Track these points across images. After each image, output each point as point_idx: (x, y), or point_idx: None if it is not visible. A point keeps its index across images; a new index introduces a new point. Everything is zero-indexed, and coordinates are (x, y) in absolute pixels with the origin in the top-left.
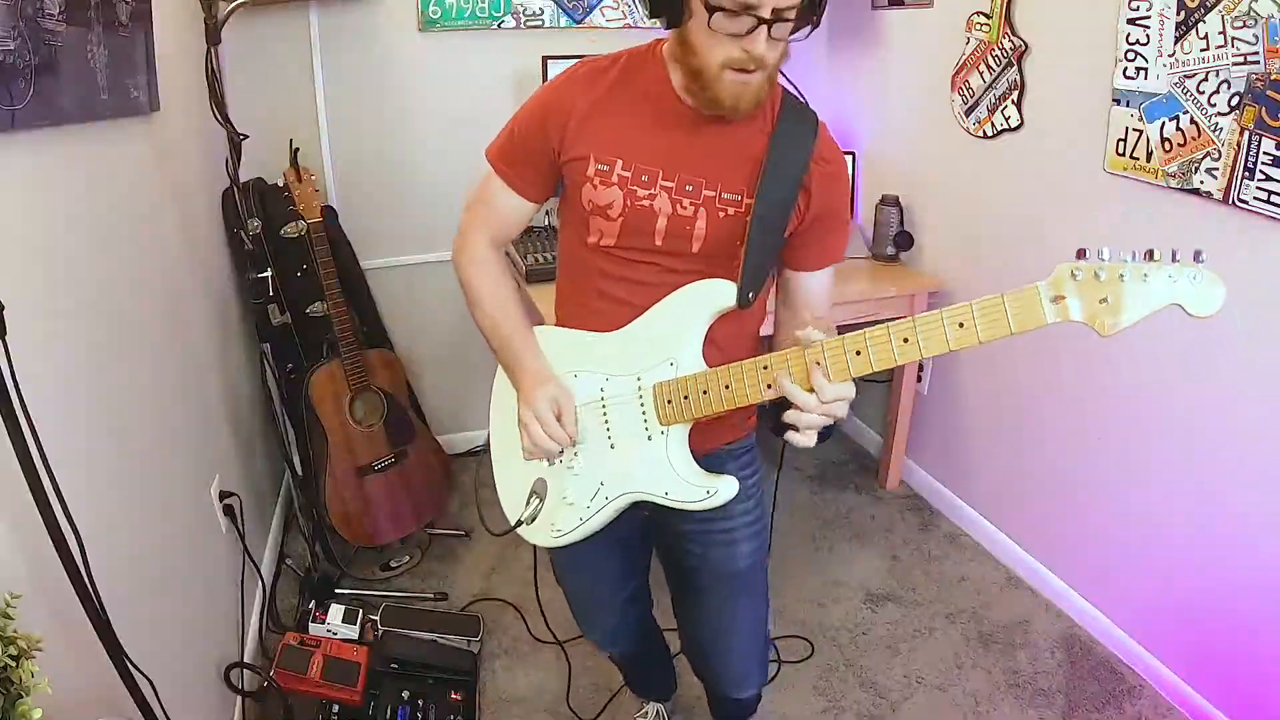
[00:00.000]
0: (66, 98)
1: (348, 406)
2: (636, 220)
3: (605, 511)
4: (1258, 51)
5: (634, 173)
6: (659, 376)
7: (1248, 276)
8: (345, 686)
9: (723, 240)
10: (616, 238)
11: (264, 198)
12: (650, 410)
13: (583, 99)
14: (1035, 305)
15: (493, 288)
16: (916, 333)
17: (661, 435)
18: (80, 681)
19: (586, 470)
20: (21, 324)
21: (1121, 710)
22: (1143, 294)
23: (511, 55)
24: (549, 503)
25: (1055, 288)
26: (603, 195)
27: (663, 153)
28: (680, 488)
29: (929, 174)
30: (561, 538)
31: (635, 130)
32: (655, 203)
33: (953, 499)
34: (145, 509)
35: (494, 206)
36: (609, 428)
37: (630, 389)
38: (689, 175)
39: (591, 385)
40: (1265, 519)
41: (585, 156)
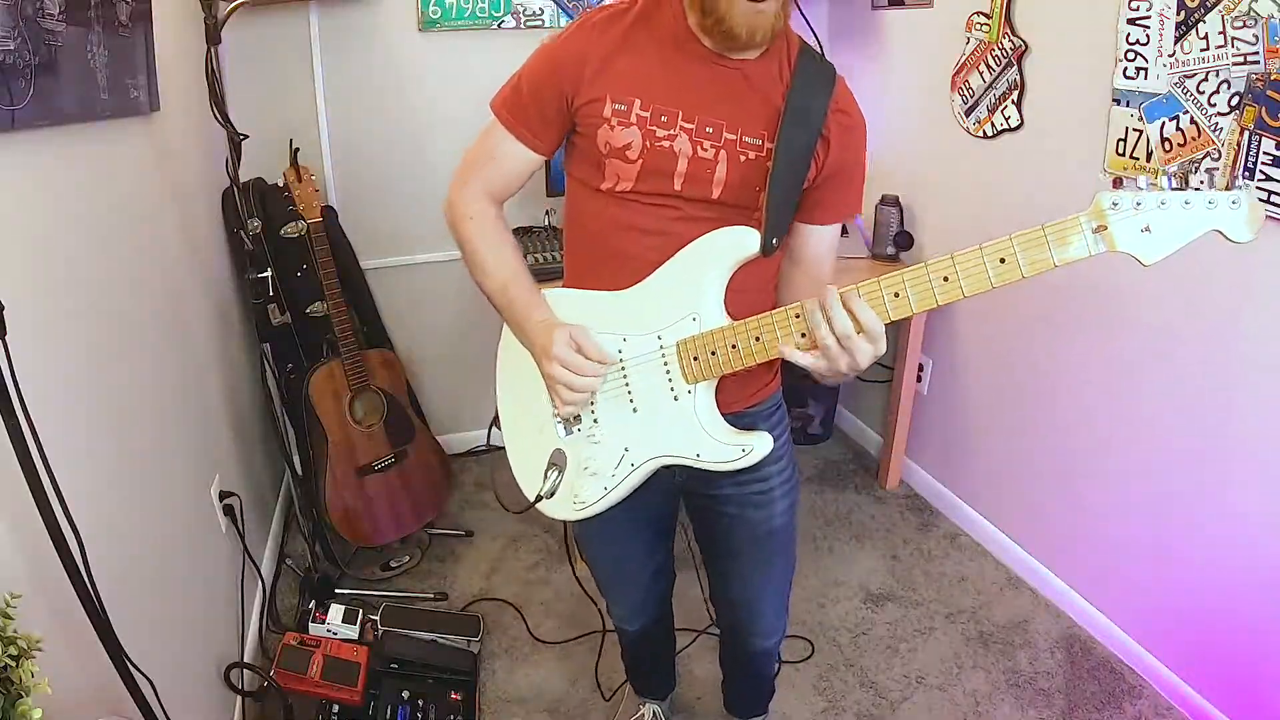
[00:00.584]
0: (66, 98)
1: (348, 406)
2: (656, 162)
3: (632, 478)
4: (1258, 51)
5: (653, 113)
6: (682, 333)
7: (1248, 276)
8: (345, 686)
9: (742, 186)
10: (635, 181)
11: (264, 198)
12: (675, 369)
13: (598, 45)
14: (1078, 236)
15: (495, 245)
16: (956, 270)
17: (689, 394)
18: (80, 681)
19: (608, 437)
20: (21, 324)
21: (1121, 710)
22: (1184, 221)
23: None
24: (569, 474)
25: (1097, 218)
26: (620, 136)
27: (682, 93)
28: (713, 448)
29: (929, 174)
30: (584, 510)
31: (653, 70)
32: (675, 144)
33: (953, 499)
34: (145, 509)
35: (496, 157)
36: (630, 391)
37: (652, 348)
38: (709, 117)
39: (609, 347)
40: (1265, 519)
41: (601, 98)
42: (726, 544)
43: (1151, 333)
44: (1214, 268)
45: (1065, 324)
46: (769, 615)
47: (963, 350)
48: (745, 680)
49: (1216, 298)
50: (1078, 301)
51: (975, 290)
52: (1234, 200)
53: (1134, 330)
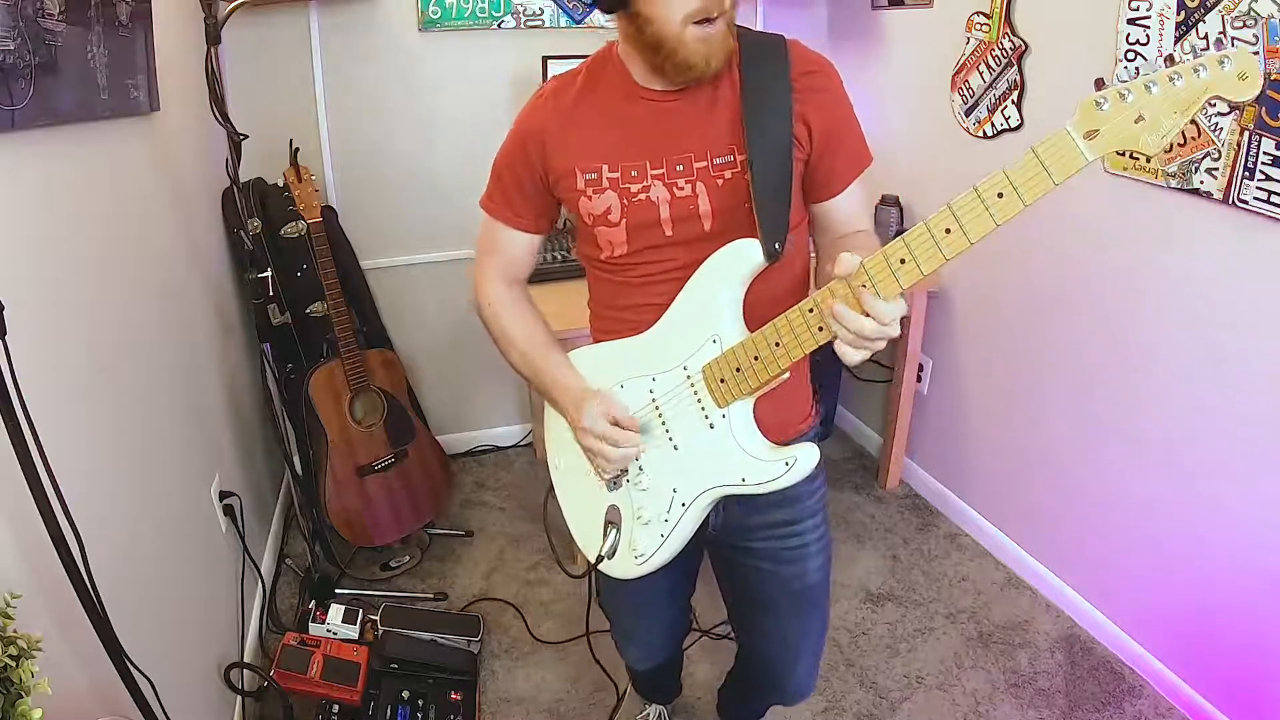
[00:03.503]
0: (66, 98)
1: (348, 406)
2: (639, 216)
3: (686, 520)
4: (1258, 51)
5: (622, 172)
6: (705, 357)
7: (1248, 276)
8: (345, 686)
9: (731, 209)
10: (626, 243)
11: (264, 198)
12: (705, 395)
13: (553, 118)
14: (1070, 148)
15: (517, 323)
16: (957, 219)
17: (723, 419)
18: (80, 681)
19: (655, 481)
20: (21, 324)
21: (1121, 710)
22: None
23: (511, 55)
24: (625, 527)
25: (1084, 124)
26: (598, 203)
27: (643, 143)
28: (756, 469)
29: (929, 174)
30: (645, 562)
31: (610, 131)
32: (651, 193)
33: (953, 499)
34: (145, 509)
35: (499, 250)
36: (667, 428)
37: (679, 380)
38: (675, 155)
39: (640, 391)
40: (1266, 519)
41: (571, 171)
42: (758, 598)
43: (1151, 332)
44: (1214, 267)
45: (1065, 324)
46: (801, 674)
47: (963, 350)
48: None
49: (1216, 297)
50: (1078, 301)
51: (980, 233)
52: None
53: (1134, 330)
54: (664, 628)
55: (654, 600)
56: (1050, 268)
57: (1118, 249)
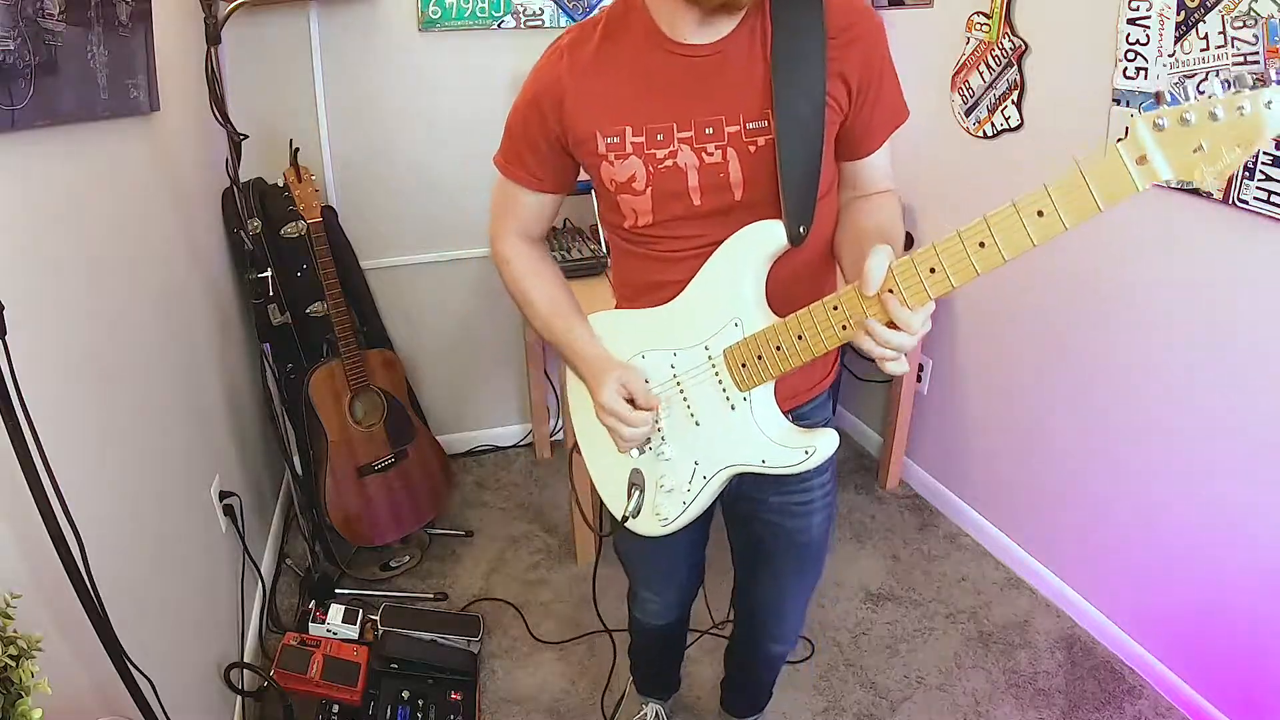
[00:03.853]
0: (66, 98)
1: (348, 406)
2: (665, 184)
3: (707, 490)
4: (1258, 51)
5: (647, 135)
6: (727, 340)
7: (1248, 276)
8: (345, 686)
9: (764, 179)
10: (651, 212)
11: (264, 198)
12: (726, 378)
13: (570, 73)
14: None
15: (538, 287)
16: (992, 234)
17: (744, 402)
18: (80, 681)
19: (678, 453)
20: (21, 324)
21: (1121, 710)
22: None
23: (511, 55)
24: (649, 491)
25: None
26: (622, 170)
27: (670, 102)
28: (777, 453)
29: (929, 174)
30: (669, 525)
31: (634, 89)
32: (679, 159)
33: (953, 499)
34: (145, 509)
35: (516, 210)
36: (689, 404)
37: (701, 360)
38: (705, 117)
39: (661, 364)
40: (1266, 519)
41: (592, 134)
42: (762, 549)
43: (1151, 332)
44: (1214, 267)
45: (1065, 324)
46: (791, 620)
47: (963, 350)
48: (749, 681)
49: (1216, 296)
50: (1078, 301)
51: (1016, 251)
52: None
53: (1134, 330)
54: (682, 579)
55: (676, 553)
56: (1050, 268)
57: (1117, 249)
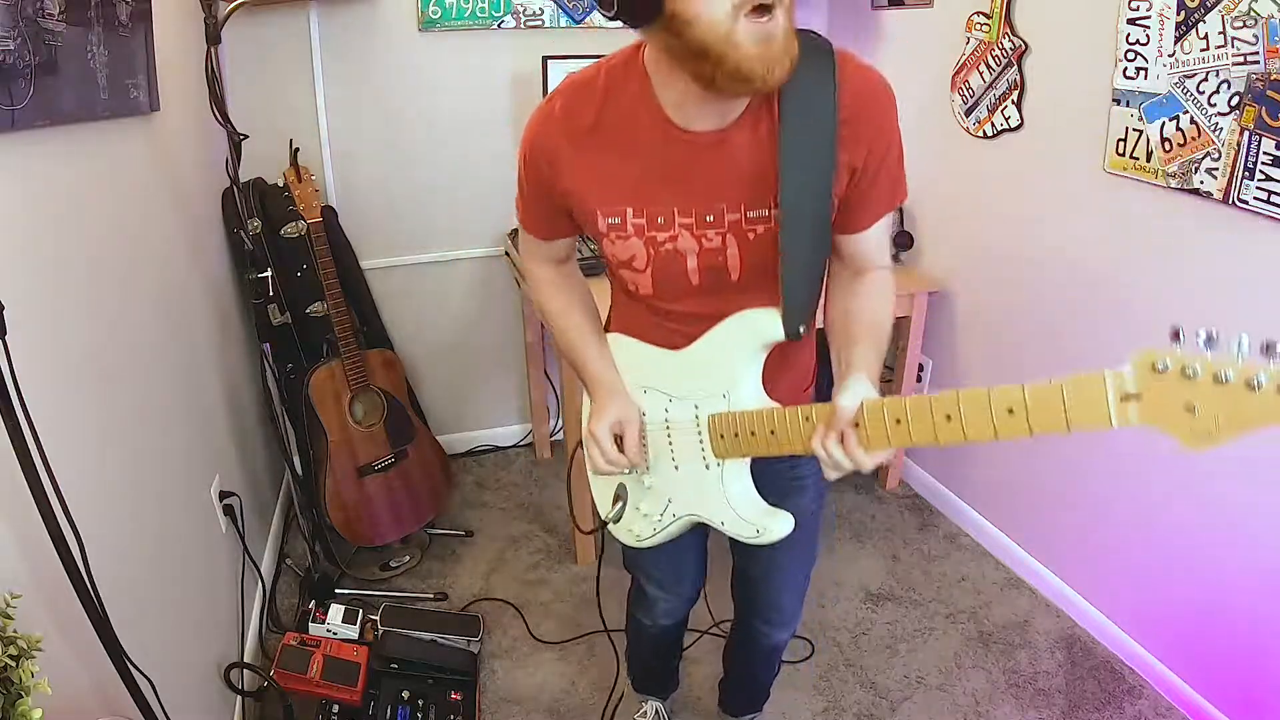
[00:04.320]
0: (66, 98)
1: (348, 406)
2: (665, 266)
3: (674, 527)
4: (1258, 51)
5: (648, 218)
6: (713, 408)
7: (1248, 276)
8: (345, 686)
9: (761, 265)
10: (652, 288)
11: (264, 198)
12: (706, 440)
13: (566, 142)
14: (1100, 407)
15: (559, 304)
16: (960, 411)
17: (718, 467)
18: (80, 681)
19: (657, 486)
20: (21, 324)
21: (1121, 710)
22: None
23: (511, 55)
24: (629, 508)
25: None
26: (623, 250)
27: (671, 187)
28: (734, 523)
29: (928, 174)
30: (640, 542)
31: (636, 169)
32: (679, 243)
33: (953, 499)
34: (145, 509)
35: (537, 249)
36: (673, 449)
37: (689, 416)
38: (705, 204)
39: (657, 406)
40: (1265, 519)
41: (593, 212)
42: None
43: (1150, 331)
44: (1214, 267)
45: (1065, 324)
46: (789, 603)
47: (963, 350)
48: (748, 677)
49: (1214, 296)
50: (1077, 301)
51: (978, 437)
52: None
53: (1133, 330)
54: (692, 573)
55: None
56: (1050, 268)
57: (1118, 249)
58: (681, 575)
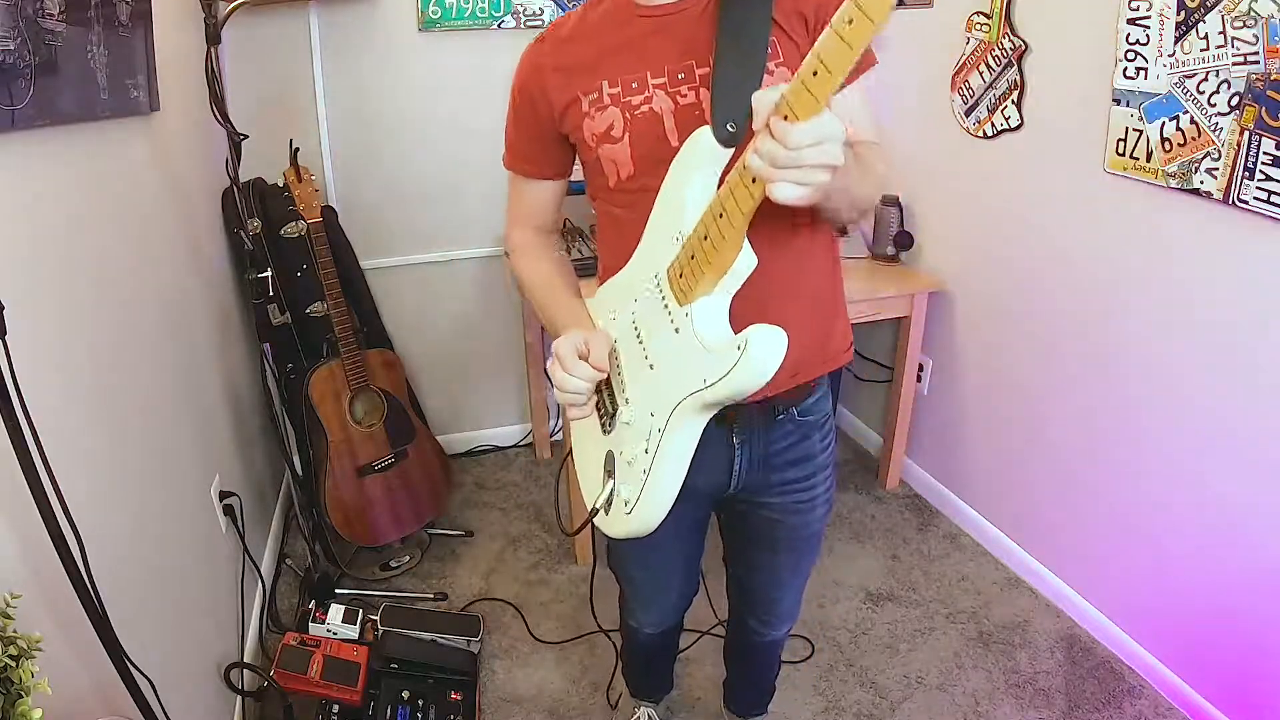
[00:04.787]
0: (66, 98)
1: (348, 406)
2: (642, 128)
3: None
4: (1258, 51)
5: (622, 85)
6: (669, 258)
7: (1248, 276)
8: (345, 686)
9: None
10: (631, 161)
11: (264, 198)
12: (670, 298)
13: (548, 54)
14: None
15: (535, 270)
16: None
17: (686, 318)
18: (80, 681)
19: (637, 411)
20: (21, 324)
21: (1121, 710)
22: None
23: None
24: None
25: None
26: (600, 121)
27: (642, 56)
28: (713, 363)
29: (929, 174)
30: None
31: (608, 50)
32: (654, 104)
33: (953, 499)
34: (145, 509)
35: (521, 199)
36: (644, 349)
37: (651, 290)
38: (675, 63)
39: (625, 315)
40: (1266, 518)
41: (575, 98)
42: (762, 541)
43: (1151, 332)
44: (1214, 267)
45: (1065, 324)
46: (787, 605)
47: (963, 350)
48: (751, 675)
49: (1213, 297)
50: (1077, 301)
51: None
52: None
53: (1134, 330)
54: (678, 587)
55: (671, 562)
56: (1050, 268)
57: (1118, 249)
58: (667, 585)
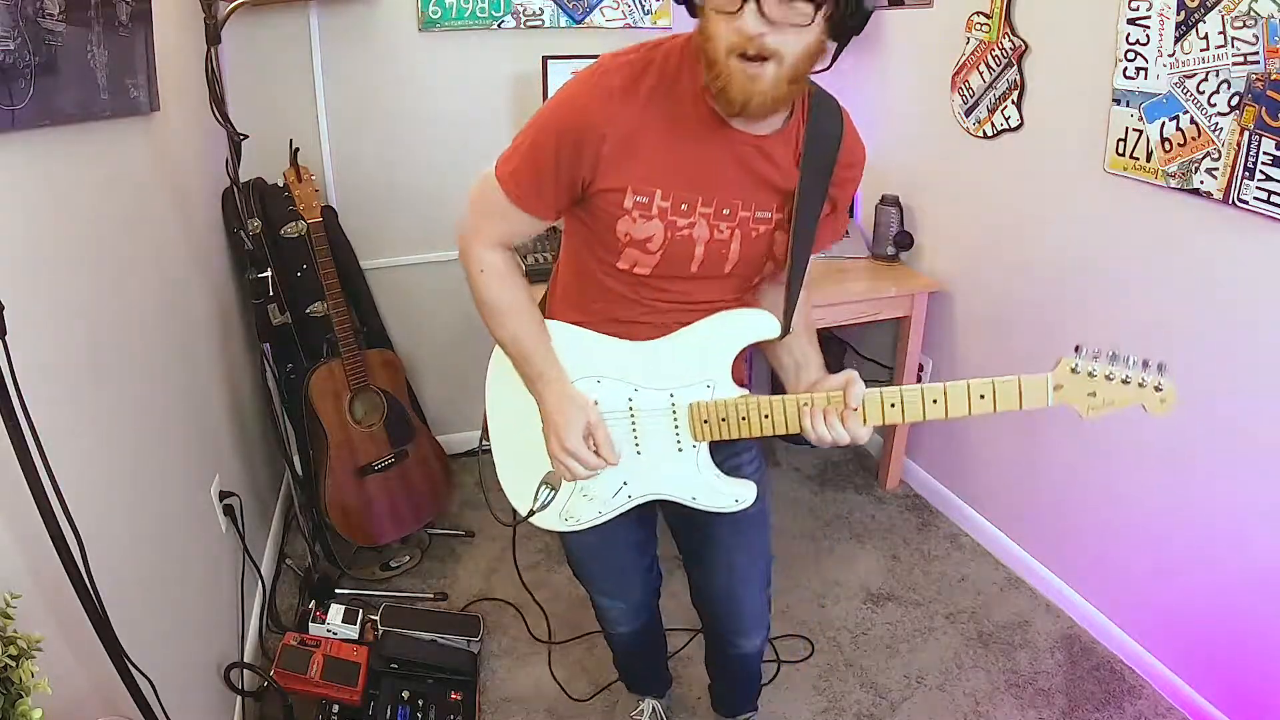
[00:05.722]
0: (66, 98)
1: (347, 406)
2: (675, 251)
3: (625, 507)
4: (1258, 51)
5: (673, 202)
6: (695, 396)
7: (1248, 276)
8: (345, 686)
9: (751, 261)
10: (652, 269)
11: (264, 198)
12: (684, 426)
13: (618, 121)
14: (1042, 392)
15: (510, 296)
16: (945, 397)
17: (693, 449)
18: (80, 681)
19: (610, 471)
20: (21, 324)
21: (1121, 710)
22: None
23: (511, 55)
24: (563, 495)
25: (1057, 378)
26: (642, 229)
27: (702, 177)
28: (709, 494)
29: (929, 174)
30: (575, 526)
31: (674, 155)
32: (694, 231)
33: (953, 499)
34: (145, 509)
35: (505, 218)
36: (636, 435)
37: (663, 404)
38: (727, 198)
39: (618, 394)
40: (1265, 518)
41: (622, 189)
42: (703, 532)
43: (1151, 332)
44: (1214, 267)
45: (1065, 323)
46: (750, 608)
47: (962, 350)
48: (730, 682)
49: (1214, 297)
50: (1077, 301)
51: (957, 415)
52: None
53: (1133, 330)
54: (640, 580)
55: (628, 557)
56: (1050, 268)
57: (1118, 249)
58: (627, 582)
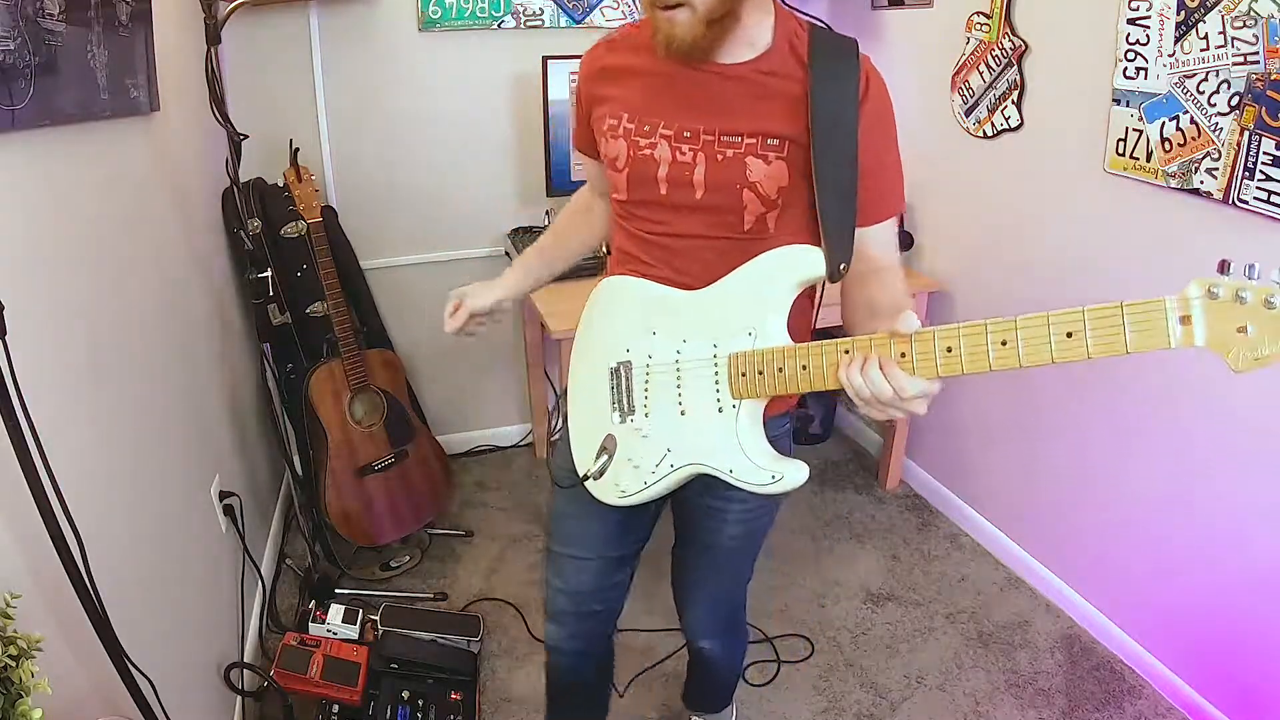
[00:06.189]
0: (66, 98)
1: (347, 406)
2: (639, 169)
3: (669, 479)
4: (1258, 51)
5: (637, 124)
6: (736, 346)
7: None
8: (345, 686)
9: (722, 185)
10: (626, 190)
11: (264, 198)
12: (724, 381)
13: (601, 61)
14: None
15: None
16: (1018, 335)
17: (733, 409)
18: (80, 681)
19: (655, 434)
20: (21, 324)
21: (1121, 710)
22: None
23: (511, 55)
24: (616, 462)
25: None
26: (611, 148)
27: (663, 103)
28: (746, 467)
29: (929, 174)
30: (626, 498)
31: (641, 86)
32: (656, 151)
33: (953, 499)
34: (145, 509)
35: (587, 169)
36: (680, 393)
37: (706, 355)
38: (688, 123)
39: (668, 347)
40: (1265, 518)
41: (603, 115)
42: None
43: None
44: (1213, 266)
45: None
46: (699, 614)
47: None
48: (691, 673)
49: None
50: (1078, 301)
51: (1034, 361)
52: None
53: None
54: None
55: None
56: (1050, 267)
57: (1118, 249)
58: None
